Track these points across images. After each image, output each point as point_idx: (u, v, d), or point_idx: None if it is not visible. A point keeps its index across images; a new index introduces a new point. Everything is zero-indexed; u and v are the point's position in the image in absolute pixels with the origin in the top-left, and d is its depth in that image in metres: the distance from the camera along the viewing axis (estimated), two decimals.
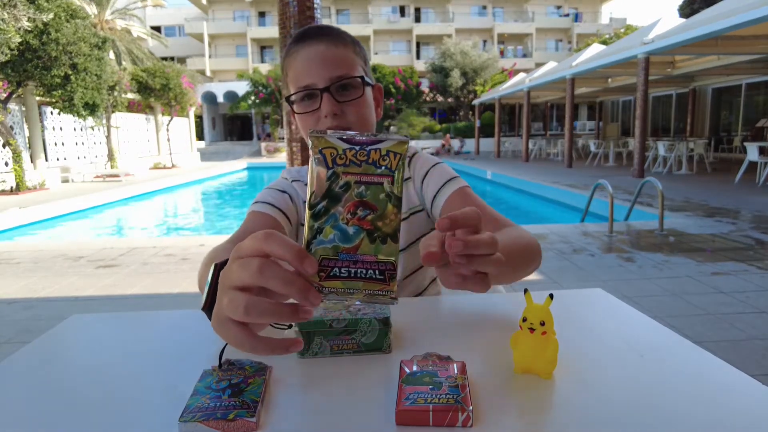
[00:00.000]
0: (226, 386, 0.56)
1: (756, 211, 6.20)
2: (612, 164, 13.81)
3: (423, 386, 0.54)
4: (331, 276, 0.39)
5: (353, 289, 0.39)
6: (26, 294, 3.63)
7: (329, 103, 0.88)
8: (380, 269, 0.39)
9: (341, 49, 0.91)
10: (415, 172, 1.03)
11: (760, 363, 2.34)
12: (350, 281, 0.39)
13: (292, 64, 0.92)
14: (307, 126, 0.92)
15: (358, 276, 0.39)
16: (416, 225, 1.01)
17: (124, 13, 25.65)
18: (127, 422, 0.55)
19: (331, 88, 0.88)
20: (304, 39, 0.91)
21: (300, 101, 0.91)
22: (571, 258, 4.24)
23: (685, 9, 23.70)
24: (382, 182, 0.40)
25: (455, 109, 29.62)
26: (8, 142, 9.60)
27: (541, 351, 0.60)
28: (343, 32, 0.94)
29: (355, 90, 0.91)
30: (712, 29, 7.71)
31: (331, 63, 0.89)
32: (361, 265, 0.39)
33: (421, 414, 0.50)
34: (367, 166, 0.40)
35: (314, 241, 0.40)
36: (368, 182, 0.40)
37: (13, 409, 0.58)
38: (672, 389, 0.58)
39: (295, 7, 4.03)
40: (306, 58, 0.89)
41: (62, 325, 0.85)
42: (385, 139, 0.40)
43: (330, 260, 0.39)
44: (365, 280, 0.39)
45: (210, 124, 32.38)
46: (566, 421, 0.53)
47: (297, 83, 0.90)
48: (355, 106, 0.90)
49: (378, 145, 0.40)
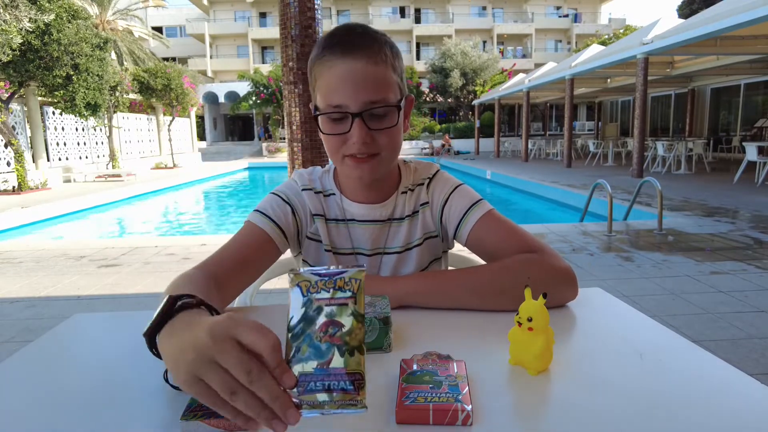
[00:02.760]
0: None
1: (755, 210, 6.20)
2: (611, 164, 13.80)
3: (423, 385, 0.55)
4: (308, 390, 0.44)
5: (326, 401, 0.44)
6: (28, 293, 3.63)
7: (361, 130, 0.82)
8: (350, 380, 0.44)
9: (381, 68, 0.82)
10: (434, 197, 0.99)
11: (758, 362, 2.34)
12: (324, 393, 0.44)
13: (324, 74, 0.83)
14: (333, 146, 0.86)
15: (330, 388, 0.44)
16: (429, 249, 1.00)
17: (125, 13, 25.66)
18: (129, 421, 0.55)
19: (364, 114, 0.81)
20: (341, 48, 0.82)
21: (328, 120, 0.84)
22: (570, 257, 4.25)
23: (685, 9, 23.71)
24: (347, 303, 0.47)
25: (455, 110, 29.61)
26: (10, 142, 9.60)
27: (529, 346, 0.61)
28: (383, 42, 0.85)
29: (389, 119, 0.84)
30: (711, 29, 7.71)
31: (369, 85, 0.81)
32: (333, 378, 0.44)
33: (422, 412, 0.51)
34: (334, 291, 0.48)
35: (293, 359, 0.45)
36: (336, 304, 0.47)
37: (14, 407, 0.59)
38: (671, 388, 0.58)
39: (296, 7, 4.03)
40: (340, 76, 0.81)
41: (64, 325, 0.85)
42: (348, 270, 0.49)
43: (307, 375, 0.45)
44: (337, 391, 0.44)
45: (211, 124, 32.37)
46: (566, 420, 0.53)
47: (327, 100, 0.83)
48: (387, 134, 0.85)
49: (342, 275, 0.48)
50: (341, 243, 0.97)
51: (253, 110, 27.41)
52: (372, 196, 0.96)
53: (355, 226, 0.97)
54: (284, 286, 0.51)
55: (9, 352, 1.48)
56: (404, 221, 0.97)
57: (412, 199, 0.98)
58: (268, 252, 0.92)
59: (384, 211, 0.96)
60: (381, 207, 0.96)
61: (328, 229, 0.97)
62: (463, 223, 0.95)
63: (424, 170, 1.01)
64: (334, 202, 0.98)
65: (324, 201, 0.98)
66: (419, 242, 0.98)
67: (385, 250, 0.98)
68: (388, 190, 0.97)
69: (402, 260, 0.97)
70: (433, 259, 1.01)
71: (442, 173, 1.03)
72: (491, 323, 0.79)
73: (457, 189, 0.98)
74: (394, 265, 0.97)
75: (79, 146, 13.79)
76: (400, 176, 0.99)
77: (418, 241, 0.98)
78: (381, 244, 0.98)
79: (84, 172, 12.71)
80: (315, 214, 0.97)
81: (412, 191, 0.99)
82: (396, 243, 0.97)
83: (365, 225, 0.96)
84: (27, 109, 11.37)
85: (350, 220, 0.97)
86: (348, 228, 0.97)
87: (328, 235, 0.97)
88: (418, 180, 1.00)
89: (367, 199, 0.96)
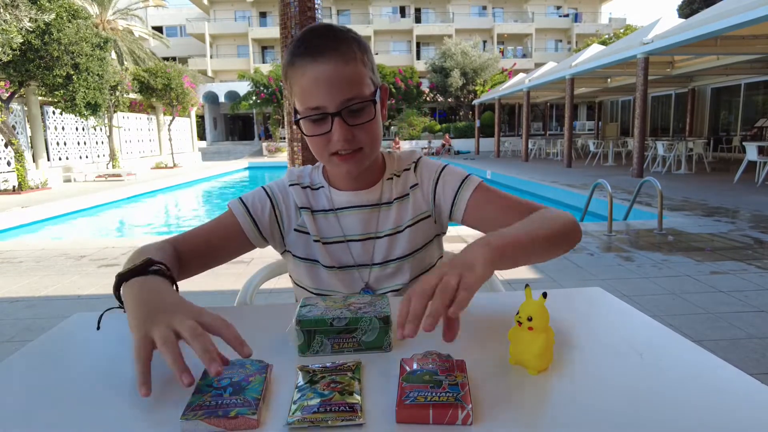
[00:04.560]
0: (227, 384, 0.57)
1: (755, 210, 6.20)
2: (611, 164, 13.80)
3: (423, 384, 0.55)
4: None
5: (327, 418, 0.52)
6: (28, 293, 3.63)
7: (341, 128, 0.85)
8: (349, 405, 0.53)
9: (351, 66, 0.85)
10: (423, 178, 1.03)
11: (759, 362, 2.34)
12: (324, 414, 0.52)
13: (298, 79, 0.86)
14: (318, 146, 0.90)
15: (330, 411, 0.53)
16: (422, 230, 1.01)
17: (125, 13, 25.66)
18: (129, 420, 0.55)
19: (342, 112, 0.85)
20: (311, 55, 0.84)
21: (309, 122, 0.88)
22: (570, 257, 4.25)
23: (685, 9, 23.70)
24: (346, 373, 0.60)
25: (455, 109, 29.60)
26: (11, 142, 9.61)
27: (529, 345, 0.61)
28: (350, 40, 0.88)
29: (366, 113, 0.88)
30: (712, 29, 7.71)
31: (343, 84, 0.84)
32: (334, 406, 0.53)
33: (422, 412, 0.51)
34: (336, 371, 0.61)
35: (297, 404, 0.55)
36: (337, 373, 0.60)
37: (15, 407, 0.59)
38: (671, 388, 0.58)
39: (296, 7, 4.03)
40: (313, 78, 0.84)
41: (64, 324, 0.85)
42: (346, 362, 0.63)
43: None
44: (336, 413, 0.53)
45: (211, 124, 32.38)
46: (565, 420, 0.53)
47: (305, 103, 0.86)
48: (366, 129, 0.89)
49: (337, 365, 0.62)
50: (330, 232, 1.00)
51: (253, 110, 27.43)
52: (359, 185, 1.00)
53: (345, 214, 1.00)
54: (284, 286, 0.52)
55: (9, 351, 1.48)
56: (393, 205, 1.00)
57: (399, 183, 1.02)
58: (236, 242, 0.98)
59: (371, 196, 1.00)
60: (368, 192, 1.00)
61: (315, 221, 1.00)
62: (458, 200, 0.98)
63: (407, 157, 1.06)
64: (322, 194, 1.02)
65: (312, 194, 1.02)
66: (410, 223, 1.00)
67: (376, 234, 1.00)
68: (374, 177, 1.01)
69: (393, 242, 0.99)
70: (426, 242, 1.02)
71: (426, 158, 1.07)
72: (491, 323, 0.79)
73: (445, 168, 1.03)
74: (387, 248, 0.99)
75: (79, 146, 13.80)
76: (384, 165, 1.04)
77: (409, 222, 1.00)
78: (372, 229, 1.00)
79: (84, 172, 12.72)
80: (301, 207, 1.00)
81: (398, 177, 1.02)
82: (387, 226, 1.00)
83: (355, 211, 1.00)
84: (27, 108, 11.37)
85: (339, 208, 1.00)
86: (337, 216, 1.00)
87: (316, 226, 1.00)
88: (402, 166, 1.04)
89: (354, 188, 1.00)
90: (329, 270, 0.98)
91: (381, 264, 0.99)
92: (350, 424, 0.51)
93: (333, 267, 0.98)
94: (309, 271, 1.00)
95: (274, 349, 0.70)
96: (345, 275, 0.98)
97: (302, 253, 1.00)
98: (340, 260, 0.99)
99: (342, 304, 0.73)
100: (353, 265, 0.99)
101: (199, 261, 0.94)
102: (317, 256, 0.99)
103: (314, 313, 0.70)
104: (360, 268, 0.99)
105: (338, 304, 0.73)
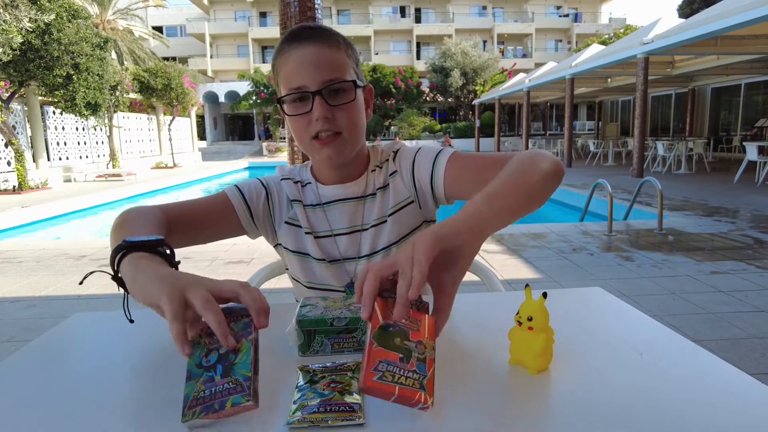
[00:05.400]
0: (215, 360, 0.55)
1: (755, 210, 6.20)
2: (611, 164, 13.81)
3: (393, 352, 0.54)
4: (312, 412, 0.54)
5: (327, 418, 0.53)
6: (28, 293, 3.64)
7: (321, 106, 0.88)
8: (348, 405, 0.54)
9: (334, 51, 0.90)
10: (402, 164, 1.03)
11: (759, 362, 2.34)
12: (324, 414, 0.53)
13: (284, 64, 0.91)
14: (299, 128, 0.92)
15: (330, 411, 0.54)
16: (405, 218, 1.00)
17: (125, 13, 25.66)
18: (130, 420, 0.55)
19: (323, 91, 0.88)
20: (296, 39, 0.90)
21: (291, 103, 0.91)
22: (570, 257, 4.25)
23: (685, 9, 23.69)
24: (346, 373, 0.61)
25: (455, 109, 29.60)
26: (11, 142, 9.60)
27: (529, 345, 0.61)
28: (335, 33, 0.93)
29: (346, 94, 0.90)
30: (712, 29, 7.71)
31: (324, 65, 0.88)
32: (333, 406, 0.54)
33: (386, 392, 0.51)
34: (336, 371, 0.61)
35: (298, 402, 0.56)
36: (337, 373, 0.61)
37: (15, 407, 0.59)
38: (671, 388, 0.58)
39: (296, 7, 4.03)
40: (298, 60, 0.88)
41: (64, 324, 0.85)
42: (346, 362, 0.63)
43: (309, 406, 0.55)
44: (336, 413, 0.53)
45: (211, 123, 32.37)
46: (565, 420, 0.53)
47: (288, 84, 0.90)
48: (346, 111, 0.91)
49: (337, 365, 0.63)
50: (319, 226, 1.01)
51: (253, 110, 27.44)
52: (344, 177, 1.01)
53: (332, 208, 1.01)
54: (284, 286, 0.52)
55: (9, 351, 1.48)
56: (376, 195, 1.01)
57: (381, 174, 1.03)
58: (226, 224, 0.99)
59: (357, 188, 1.01)
60: (354, 185, 1.01)
61: (306, 214, 1.02)
62: (435, 175, 0.97)
63: (389, 148, 1.08)
64: (310, 189, 1.04)
65: (301, 189, 1.04)
66: (392, 211, 1.00)
67: (362, 226, 1.00)
68: (359, 170, 1.02)
69: (378, 232, 0.99)
70: (411, 230, 1.01)
71: (405, 146, 1.08)
72: (491, 322, 0.79)
73: (420, 149, 1.03)
74: (372, 239, 0.99)
75: (79, 146, 13.79)
76: (369, 159, 1.05)
77: (391, 210, 1.00)
78: (358, 221, 1.01)
79: (84, 172, 12.71)
80: (293, 199, 1.03)
81: (380, 168, 1.03)
82: (372, 217, 1.00)
83: (341, 204, 1.01)
84: (27, 108, 11.37)
85: (326, 203, 1.01)
86: (325, 211, 1.01)
87: (307, 219, 1.01)
88: (385, 157, 1.05)
89: (339, 181, 1.01)
90: (320, 263, 0.99)
91: (368, 256, 0.99)
92: (350, 424, 0.52)
93: (323, 260, 0.99)
94: (301, 265, 1.01)
95: (274, 349, 0.70)
96: (336, 269, 0.99)
97: (293, 246, 1.02)
98: (330, 254, 1.00)
99: (342, 304, 0.74)
100: (341, 259, 1.00)
101: (183, 235, 0.92)
102: (308, 249, 1.00)
103: (314, 313, 0.70)
104: (347, 262, 1.00)
105: (338, 304, 0.73)
